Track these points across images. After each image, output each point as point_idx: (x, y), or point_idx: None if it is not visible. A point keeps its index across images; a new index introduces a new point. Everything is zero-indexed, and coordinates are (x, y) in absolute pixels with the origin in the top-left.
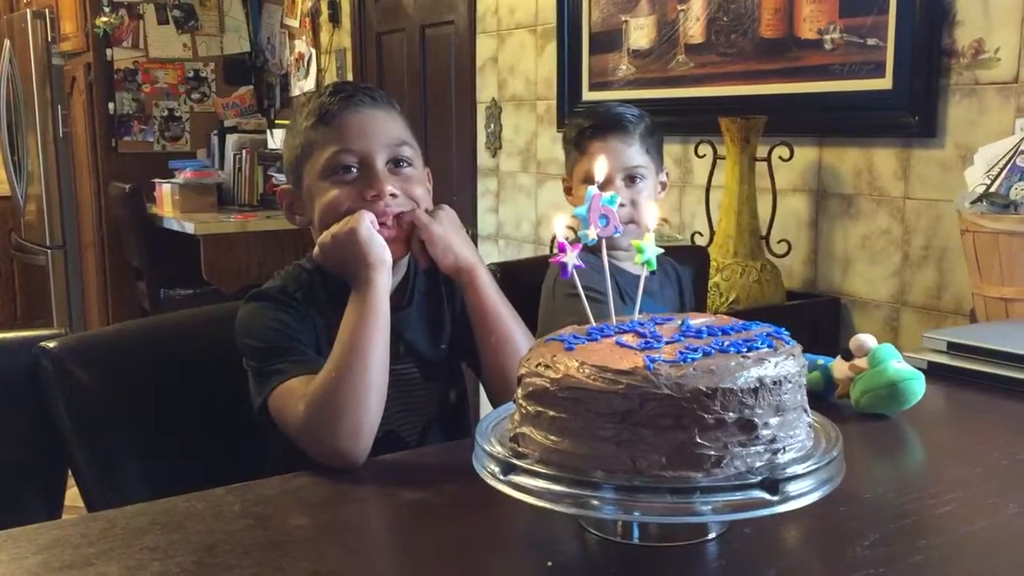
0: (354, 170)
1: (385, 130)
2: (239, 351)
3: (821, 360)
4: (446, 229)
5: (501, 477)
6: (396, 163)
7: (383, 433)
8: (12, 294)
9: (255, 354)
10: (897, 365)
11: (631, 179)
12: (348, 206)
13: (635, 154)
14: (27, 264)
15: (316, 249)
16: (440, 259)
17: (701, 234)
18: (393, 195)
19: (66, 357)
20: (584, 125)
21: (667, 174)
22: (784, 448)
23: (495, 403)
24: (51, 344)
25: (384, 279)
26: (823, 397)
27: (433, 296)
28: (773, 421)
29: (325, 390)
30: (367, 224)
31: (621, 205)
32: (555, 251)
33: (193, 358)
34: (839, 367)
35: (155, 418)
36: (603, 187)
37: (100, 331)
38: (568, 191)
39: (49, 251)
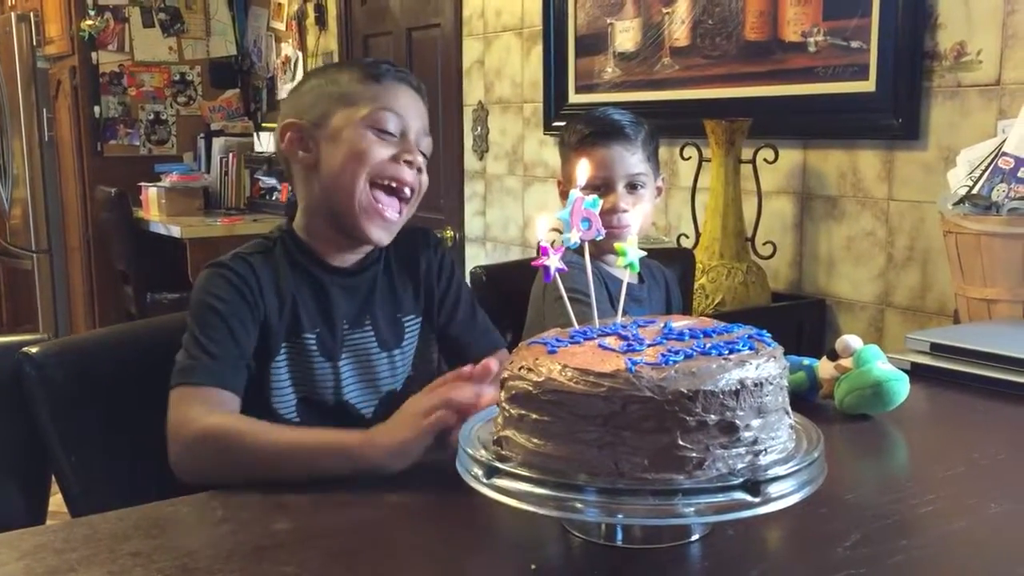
0: (394, 135)
1: (419, 114)
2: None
3: (806, 361)
4: None
5: (484, 480)
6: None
7: (336, 403)
8: None
9: (189, 337)
10: (882, 366)
11: (632, 186)
12: (383, 164)
13: (637, 162)
14: (12, 268)
15: (299, 217)
16: None
17: (687, 236)
18: (419, 169)
19: (49, 363)
20: (586, 131)
21: (664, 179)
22: (766, 450)
23: None
24: (34, 350)
25: (380, 466)
26: (807, 398)
27: (399, 261)
28: (755, 423)
29: (235, 448)
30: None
31: (624, 211)
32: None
33: None
34: (824, 367)
35: (138, 424)
36: (605, 193)
37: (83, 336)
38: (564, 195)
39: (34, 255)
